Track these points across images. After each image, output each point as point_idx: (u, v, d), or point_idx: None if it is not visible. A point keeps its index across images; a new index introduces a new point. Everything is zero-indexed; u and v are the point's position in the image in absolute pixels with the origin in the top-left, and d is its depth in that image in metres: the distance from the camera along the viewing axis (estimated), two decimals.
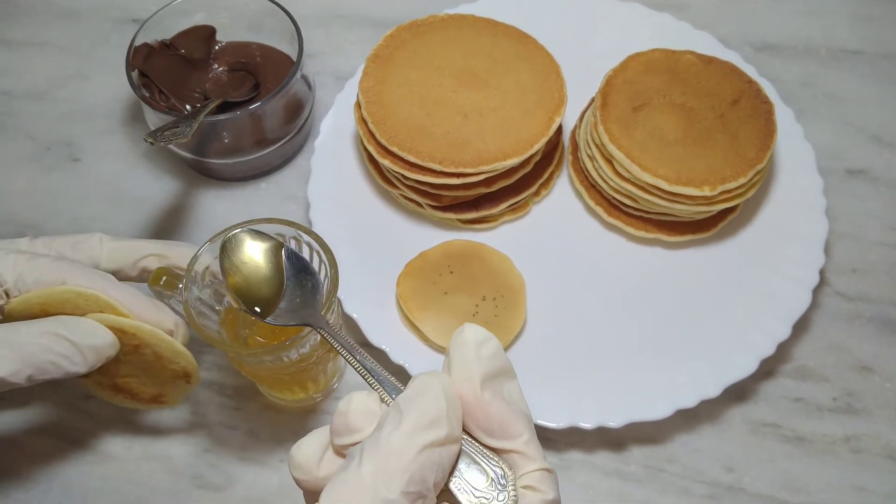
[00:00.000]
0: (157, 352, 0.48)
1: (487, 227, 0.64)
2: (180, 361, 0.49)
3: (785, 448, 0.56)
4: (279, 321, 0.45)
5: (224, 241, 0.46)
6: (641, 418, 0.54)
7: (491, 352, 0.34)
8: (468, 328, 0.34)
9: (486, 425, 0.34)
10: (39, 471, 0.57)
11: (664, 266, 0.62)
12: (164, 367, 0.49)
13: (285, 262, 0.47)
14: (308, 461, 0.34)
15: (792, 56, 0.74)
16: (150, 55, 0.65)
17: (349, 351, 0.39)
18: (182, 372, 0.50)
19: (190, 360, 0.49)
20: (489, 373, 0.34)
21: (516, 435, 0.34)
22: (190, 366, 0.49)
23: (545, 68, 0.63)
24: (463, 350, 0.34)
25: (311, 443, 0.35)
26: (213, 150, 0.65)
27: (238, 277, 0.46)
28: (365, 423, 0.34)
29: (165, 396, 0.53)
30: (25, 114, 0.74)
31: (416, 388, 0.33)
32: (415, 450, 0.31)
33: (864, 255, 0.63)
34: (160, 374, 0.50)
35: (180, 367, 0.49)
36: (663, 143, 0.59)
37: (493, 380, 0.34)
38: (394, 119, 0.60)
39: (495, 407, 0.34)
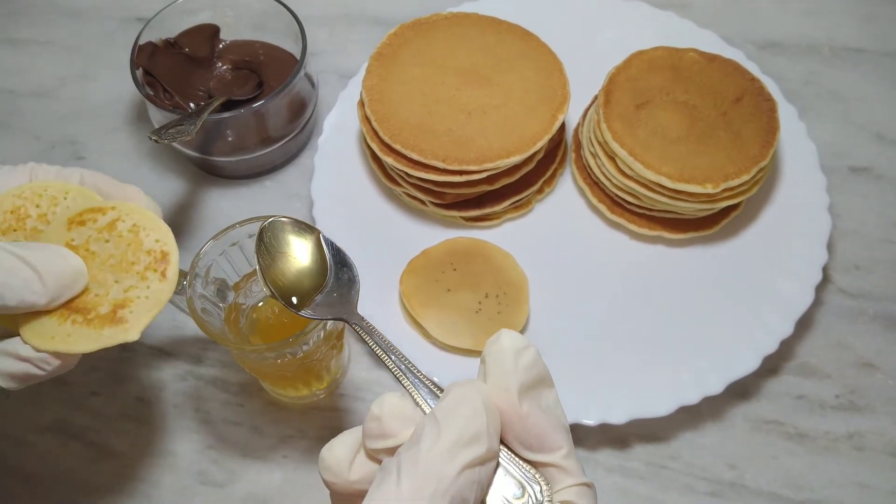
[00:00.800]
0: (136, 223, 0.43)
1: (490, 225, 0.64)
2: (159, 235, 0.43)
3: (787, 445, 0.56)
4: (315, 314, 0.43)
5: (262, 228, 0.44)
6: (644, 415, 0.54)
7: (529, 361, 0.33)
8: (505, 335, 0.33)
9: (525, 438, 0.33)
10: (44, 468, 0.57)
11: (667, 263, 0.62)
12: (139, 252, 0.42)
13: (328, 254, 0.45)
14: (339, 464, 0.34)
15: (795, 54, 0.74)
16: (154, 54, 0.65)
17: (384, 350, 0.38)
18: (160, 254, 0.42)
19: (169, 235, 0.43)
20: (527, 383, 0.33)
21: (555, 448, 0.33)
22: (168, 244, 0.43)
23: (548, 66, 0.63)
24: (500, 358, 0.33)
25: (342, 445, 0.34)
26: (217, 148, 0.65)
27: (276, 268, 0.44)
28: (399, 428, 0.33)
29: (129, 306, 0.41)
30: (30, 112, 0.74)
31: (455, 398, 0.32)
32: (455, 469, 0.30)
33: (867, 252, 0.63)
34: (131, 265, 0.42)
35: (158, 248, 0.43)
36: (666, 141, 0.59)
37: (532, 390, 0.33)
38: (397, 117, 0.60)
39: (533, 419, 0.33)
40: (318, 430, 0.57)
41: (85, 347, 0.40)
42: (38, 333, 0.40)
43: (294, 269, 0.44)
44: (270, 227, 0.44)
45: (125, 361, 0.61)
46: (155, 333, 0.61)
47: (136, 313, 0.41)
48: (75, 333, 0.40)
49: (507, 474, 0.33)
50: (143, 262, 0.42)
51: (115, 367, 0.60)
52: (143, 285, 0.41)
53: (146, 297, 0.41)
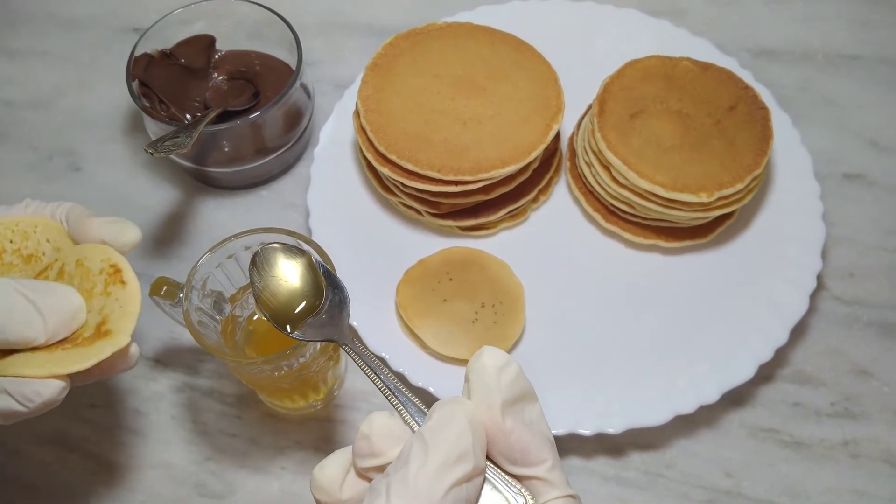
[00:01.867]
0: (78, 258, 0.45)
1: (486, 234, 0.64)
2: (102, 255, 0.45)
3: (783, 453, 0.56)
4: (307, 336, 0.44)
5: (255, 254, 0.45)
6: (640, 424, 0.54)
7: (511, 377, 0.34)
8: (486, 352, 0.34)
9: (509, 453, 0.33)
10: (43, 479, 0.57)
11: (662, 272, 0.62)
12: (91, 277, 0.44)
13: (323, 278, 0.46)
14: (331, 483, 0.34)
15: (789, 61, 0.75)
16: (150, 65, 0.65)
17: (373, 369, 0.39)
18: (110, 268, 0.45)
19: (109, 251, 0.45)
20: (510, 398, 0.34)
21: (539, 461, 0.33)
22: (112, 257, 0.45)
23: (543, 76, 0.63)
24: (482, 375, 0.34)
25: (333, 464, 0.35)
26: (213, 159, 0.65)
27: (269, 291, 0.45)
28: (388, 447, 0.33)
29: (108, 321, 0.43)
30: (27, 123, 0.74)
31: (441, 418, 0.33)
32: (444, 488, 0.31)
33: (861, 259, 0.64)
34: (91, 290, 0.44)
35: (105, 265, 0.45)
36: (660, 150, 0.59)
37: (515, 405, 0.34)
38: (393, 127, 0.60)
39: (517, 435, 0.33)
40: (315, 440, 0.57)
41: (83, 363, 0.41)
42: (29, 364, 0.41)
43: (286, 292, 0.45)
44: (263, 252, 0.45)
45: (122, 374, 0.61)
46: (152, 345, 0.62)
47: (117, 322, 0.43)
48: (68, 356, 0.41)
49: (493, 489, 0.33)
50: (99, 282, 0.44)
51: (113, 380, 0.60)
52: (112, 299, 0.44)
53: (120, 306, 0.43)
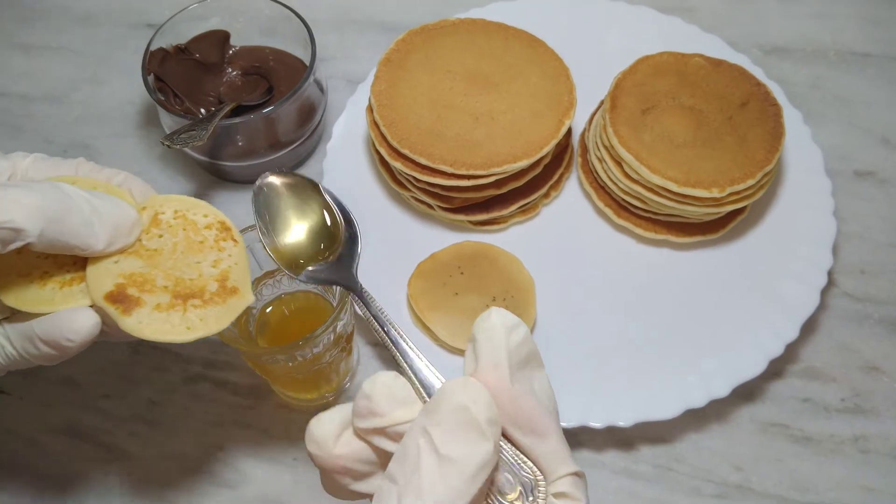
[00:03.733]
0: (176, 209, 0.44)
1: (497, 229, 0.64)
2: (204, 210, 0.44)
3: (793, 448, 0.56)
4: (314, 279, 0.42)
5: (257, 189, 0.43)
6: (651, 418, 0.54)
7: (521, 338, 0.32)
8: (495, 312, 0.33)
9: (515, 419, 0.32)
10: (56, 469, 0.58)
11: (673, 267, 0.62)
12: (198, 231, 0.44)
13: (336, 211, 0.42)
14: (325, 437, 0.34)
15: (800, 58, 0.75)
16: (165, 59, 0.66)
17: (380, 324, 0.38)
18: (219, 224, 0.44)
19: (210, 207, 0.44)
20: (519, 361, 0.32)
21: (546, 432, 0.32)
22: (217, 214, 0.44)
23: (555, 71, 0.63)
24: (491, 335, 0.32)
25: (331, 419, 0.34)
26: (227, 152, 0.66)
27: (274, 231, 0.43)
28: (389, 408, 0.32)
29: (229, 276, 0.43)
30: (42, 117, 0.75)
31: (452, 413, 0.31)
32: (468, 499, 0.30)
33: (872, 256, 0.64)
34: (200, 244, 0.43)
35: (213, 221, 0.44)
36: (672, 146, 0.60)
37: (523, 369, 0.33)
38: (405, 122, 0.60)
39: (524, 401, 0.32)
40: None
41: (222, 324, 0.41)
42: (165, 328, 0.40)
43: (294, 230, 0.43)
44: (266, 186, 0.43)
45: (136, 364, 0.61)
46: None
47: (238, 280, 0.43)
48: (206, 316, 0.41)
49: (501, 467, 0.32)
50: (209, 237, 0.43)
51: (126, 370, 0.61)
52: (225, 255, 0.43)
53: (235, 263, 0.43)
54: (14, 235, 0.36)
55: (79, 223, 0.38)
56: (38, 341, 0.40)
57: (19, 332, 0.41)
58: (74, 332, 0.39)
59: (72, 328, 0.39)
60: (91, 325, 0.39)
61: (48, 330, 0.39)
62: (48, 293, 0.40)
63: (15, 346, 0.41)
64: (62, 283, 0.41)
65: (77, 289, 0.40)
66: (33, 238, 0.36)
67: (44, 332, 0.39)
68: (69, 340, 0.39)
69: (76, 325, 0.39)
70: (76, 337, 0.39)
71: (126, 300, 0.39)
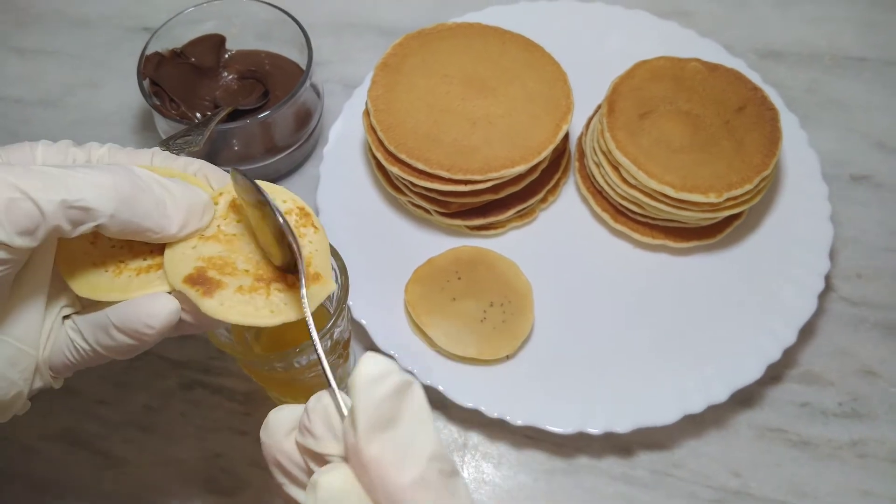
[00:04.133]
0: None
1: (495, 234, 0.64)
2: (284, 196, 0.42)
3: (791, 453, 0.56)
4: None
5: None
6: (649, 424, 0.54)
7: (385, 391, 0.29)
8: (364, 359, 0.30)
9: (371, 491, 0.29)
10: (52, 475, 0.57)
11: (670, 272, 0.62)
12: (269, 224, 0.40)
13: None
14: (277, 428, 0.33)
15: (797, 63, 0.75)
16: (161, 64, 0.65)
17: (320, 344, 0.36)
18: (298, 210, 0.42)
19: (289, 193, 0.42)
20: (381, 421, 0.29)
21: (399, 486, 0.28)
22: (297, 199, 0.42)
23: (552, 76, 0.63)
24: (353, 389, 0.29)
25: (289, 414, 0.33)
26: (223, 157, 0.65)
27: None
28: (323, 433, 0.31)
29: (312, 262, 0.40)
30: (38, 121, 0.75)
31: None
32: None
33: (869, 260, 0.64)
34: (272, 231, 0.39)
35: (293, 207, 0.42)
36: (669, 150, 0.60)
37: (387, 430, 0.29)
38: (402, 127, 0.60)
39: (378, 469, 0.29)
40: None
41: (309, 308, 0.38)
42: (248, 311, 0.38)
43: None
44: None
45: (132, 370, 0.61)
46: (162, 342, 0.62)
47: (320, 266, 0.40)
48: (290, 300, 0.39)
49: None
50: (290, 221, 0.41)
51: (122, 377, 0.61)
52: (306, 241, 0.41)
53: (316, 250, 0.41)
54: (84, 216, 0.34)
55: (151, 204, 0.37)
56: (113, 330, 0.37)
57: (92, 322, 0.38)
58: (153, 316, 0.37)
59: (151, 313, 0.37)
60: (171, 310, 0.37)
61: (124, 317, 0.37)
62: (123, 281, 0.39)
63: (87, 339, 0.39)
64: (138, 270, 0.39)
65: (154, 275, 0.39)
66: (105, 219, 0.35)
67: (120, 320, 0.37)
68: (148, 327, 0.37)
69: (155, 310, 0.37)
70: (155, 322, 0.37)
71: (207, 282, 0.38)
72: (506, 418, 0.54)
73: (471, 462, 0.57)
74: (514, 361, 0.58)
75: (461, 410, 0.56)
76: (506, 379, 0.57)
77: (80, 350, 0.39)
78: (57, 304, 0.39)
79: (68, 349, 0.39)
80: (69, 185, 0.34)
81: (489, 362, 0.57)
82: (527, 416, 0.54)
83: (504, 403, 0.55)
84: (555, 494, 0.55)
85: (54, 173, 0.34)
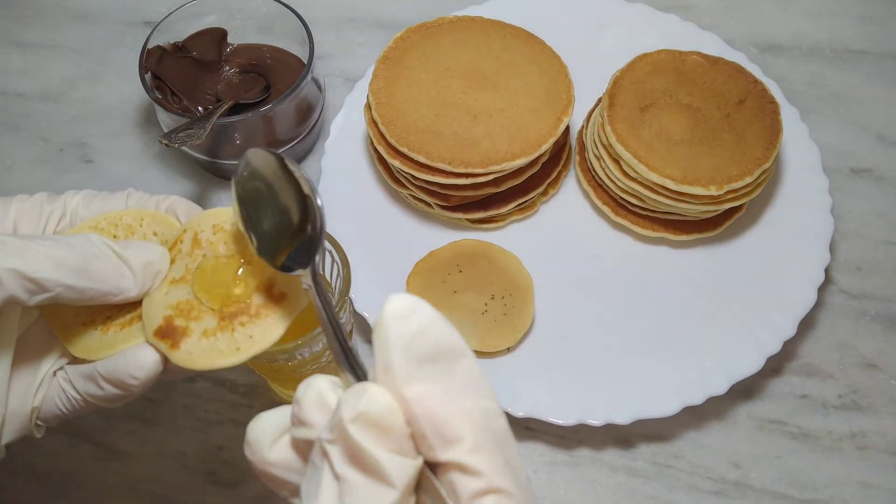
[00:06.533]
0: (213, 224, 0.41)
1: (496, 227, 0.64)
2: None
3: (791, 444, 0.57)
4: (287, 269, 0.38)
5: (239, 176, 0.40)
6: (649, 415, 0.54)
7: (416, 327, 0.27)
8: (389, 300, 0.27)
9: (417, 430, 0.26)
10: (53, 467, 0.58)
11: (671, 265, 0.62)
12: (237, 243, 0.41)
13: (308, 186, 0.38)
14: (258, 441, 0.30)
15: (797, 56, 0.75)
16: (162, 57, 0.65)
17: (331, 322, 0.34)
18: None
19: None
20: (419, 356, 0.27)
21: (452, 440, 0.26)
22: None
23: (553, 69, 0.63)
24: (379, 330, 0.27)
25: (268, 421, 0.30)
26: (225, 151, 0.65)
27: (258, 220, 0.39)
28: (320, 418, 0.28)
29: (276, 282, 0.40)
30: (39, 115, 0.75)
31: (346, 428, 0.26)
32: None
33: (869, 253, 0.64)
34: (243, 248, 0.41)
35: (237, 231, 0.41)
36: (670, 143, 0.60)
37: (426, 366, 0.27)
38: (404, 120, 0.60)
39: (423, 406, 0.26)
40: None
41: (272, 337, 0.39)
42: (214, 356, 0.38)
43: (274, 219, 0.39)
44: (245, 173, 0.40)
45: None
46: None
47: (284, 284, 0.40)
48: (253, 332, 0.38)
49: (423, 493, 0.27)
50: (248, 247, 0.40)
51: None
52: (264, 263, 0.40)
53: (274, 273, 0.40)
54: (36, 287, 0.35)
55: (106, 269, 0.38)
56: (101, 380, 0.39)
57: (81, 373, 0.40)
58: (138, 368, 0.38)
59: (136, 365, 0.38)
60: (154, 362, 0.38)
61: (112, 370, 0.39)
62: (110, 338, 0.40)
63: (77, 389, 0.40)
64: (122, 324, 0.40)
65: (136, 327, 0.40)
66: (60, 289, 0.36)
67: (107, 372, 0.39)
68: (133, 378, 0.38)
69: (139, 362, 0.38)
70: (140, 374, 0.38)
71: (173, 333, 0.38)
72: (507, 410, 0.55)
73: None
74: (515, 354, 0.58)
75: None
76: (507, 371, 0.57)
77: (72, 399, 0.41)
78: (49, 359, 0.41)
79: (60, 399, 0.41)
80: (26, 257, 0.35)
81: (491, 355, 0.58)
82: (528, 408, 0.55)
83: (505, 395, 0.55)
84: (556, 486, 0.56)
85: (12, 244, 0.35)
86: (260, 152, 0.40)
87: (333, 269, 0.49)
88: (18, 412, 0.40)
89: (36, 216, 0.42)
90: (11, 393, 0.40)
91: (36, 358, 0.41)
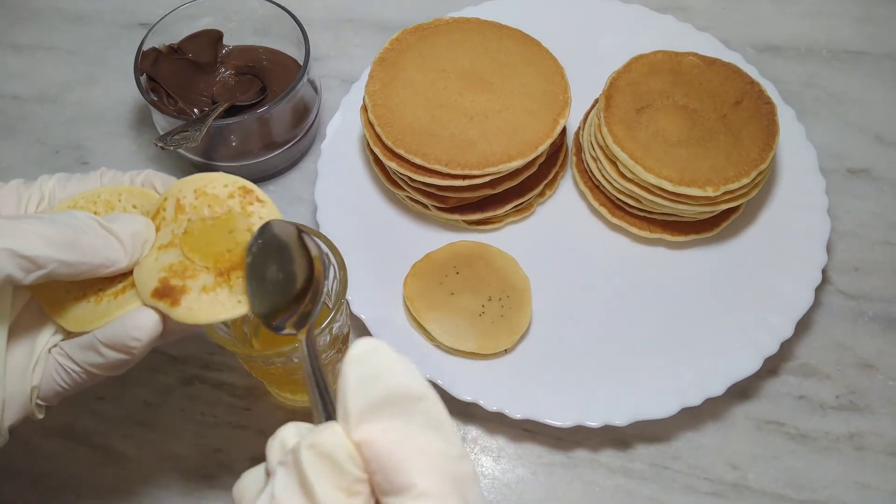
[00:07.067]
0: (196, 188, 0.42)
1: (493, 229, 0.64)
2: (224, 181, 0.43)
3: (789, 445, 0.57)
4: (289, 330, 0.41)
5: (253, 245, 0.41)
6: (647, 416, 0.54)
7: (371, 370, 0.27)
8: (354, 344, 0.27)
9: (370, 473, 0.26)
10: (51, 471, 0.57)
11: (668, 266, 0.62)
12: (222, 203, 0.42)
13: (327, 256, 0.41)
14: (241, 499, 0.31)
15: (794, 57, 0.75)
16: (158, 59, 0.65)
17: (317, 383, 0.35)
18: (240, 190, 0.42)
19: (229, 176, 0.43)
20: (373, 400, 0.27)
21: (403, 484, 0.25)
22: (237, 180, 0.43)
23: (549, 70, 0.63)
24: (340, 376, 0.27)
25: (249, 478, 0.31)
26: (221, 153, 0.65)
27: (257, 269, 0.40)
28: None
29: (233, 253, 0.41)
30: (35, 117, 0.74)
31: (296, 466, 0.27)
32: None
33: (866, 253, 0.64)
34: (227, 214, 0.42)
35: (234, 189, 0.42)
36: (667, 144, 0.60)
37: (384, 408, 0.27)
38: (400, 122, 0.60)
39: (373, 448, 0.26)
40: None
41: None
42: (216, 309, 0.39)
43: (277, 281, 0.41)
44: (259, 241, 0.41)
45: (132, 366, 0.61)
46: None
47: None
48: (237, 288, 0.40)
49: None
50: (234, 205, 0.42)
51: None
52: (255, 218, 0.42)
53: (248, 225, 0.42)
54: (31, 265, 0.36)
55: (95, 242, 0.38)
56: (102, 347, 0.40)
57: (79, 345, 0.40)
58: (138, 329, 0.39)
59: (136, 326, 0.39)
60: (154, 322, 0.39)
61: (112, 334, 0.39)
62: (104, 307, 0.40)
63: (76, 361, 0.41)
64: (115, 293, 0.41)
65: (130, 294, 0.40)
66: (53, 265, 0.37)
67: (107, 338, 0.39)
68: (136, 339, 0.39)
69: (139, 323, 0.39)
70: (142, 334, 0.39)
71: (171, 292, 0.39)
72: (504, 412, 0.55)
73: (470, 456, 0.57)
74: (512, 355, 0.58)
75: (460, 404, 0.56)
76: (504, 373, 0.57)
77: (71, 372, 0.41)
78: (43, 337, 0.41)
79: (58, 374, 0.41)
80: (16, 236, 0.36)
81: (488, 356, 0.58)
82: (525, 410, 0.55)
83: (503, 397, 0.55)
84: (554, 488, 0.56)
85: (1, 224, 0.36)
86: (278, 222, 0.42)
87: (330, 272, 0.49)
88: (18, 393, 0.41)
89: (15, 202, 0.43)
90: (9, 374, 0.40)
91: (29, 338, 0.41)
